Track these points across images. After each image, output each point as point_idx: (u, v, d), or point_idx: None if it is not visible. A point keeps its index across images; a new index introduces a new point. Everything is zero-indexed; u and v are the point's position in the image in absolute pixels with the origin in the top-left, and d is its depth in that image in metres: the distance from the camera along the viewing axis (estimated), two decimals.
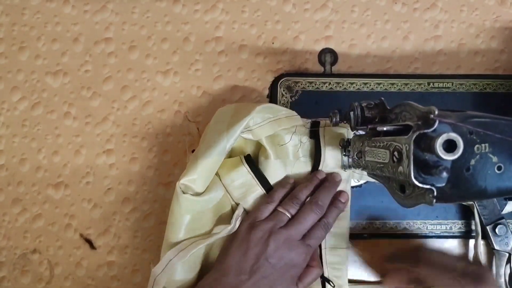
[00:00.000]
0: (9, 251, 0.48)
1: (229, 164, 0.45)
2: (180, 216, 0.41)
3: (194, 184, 0.41)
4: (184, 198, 0.41)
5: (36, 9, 0.50)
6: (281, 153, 0.45)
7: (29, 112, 0.49)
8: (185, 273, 0.41)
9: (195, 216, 0.42)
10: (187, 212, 0.41)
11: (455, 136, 0.26)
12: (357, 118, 0.36)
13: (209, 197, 0.42)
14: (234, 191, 0.44)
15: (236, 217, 0.43)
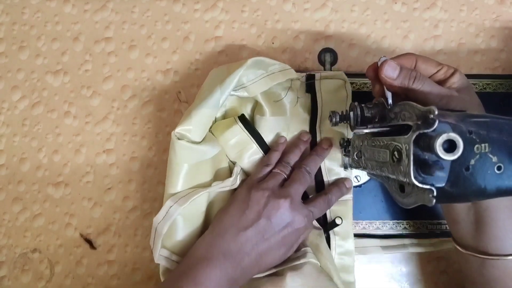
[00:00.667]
0: (9, 250, 0.48)
1: (223, 124, 0.45)
2: (177, 165, 0.41)
3: (189, 133, 0.41)
4: (179, 144, 0.41)
5: (36, 8, 0.50)
6: (278, 110, 0.45)
7: (30, 111, 0.49)
8: (187, 232, 0.42)
9: (192, 167, 0.42)
10: (184, 160, 0.41)
11: (455, 136, 0.26)
12: (357, 117, 0.36)
13: (206, 148, 0.42)
14: (230, 151, 0.44)
15: (236, 173, 0.43)
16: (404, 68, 0.35)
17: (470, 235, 0.36)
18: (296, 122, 0.46)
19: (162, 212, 0.40)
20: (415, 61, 0.37)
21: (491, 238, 0.35)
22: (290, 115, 0.46)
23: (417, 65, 0.37)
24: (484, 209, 0.35)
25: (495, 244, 0.35)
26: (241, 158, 0.44)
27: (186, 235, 0.42)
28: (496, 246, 0.35)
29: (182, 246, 0.42)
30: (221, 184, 0.42)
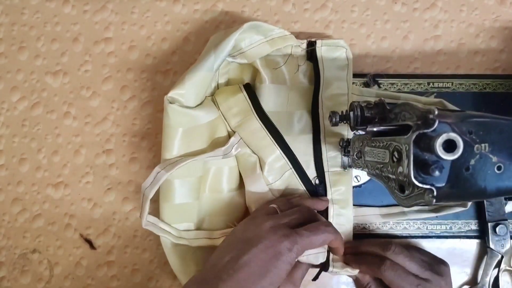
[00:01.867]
0: (8, 250, 0.48)
1: (227, 91, 0.44)
2: (170, 129, 0.41)
3: (182, 98, 0.41)
4: (171, 108, 0.40)
5: (35, 9, 0.50)
6: (277, 77, 0.44)
7: (29, 112, 0.49)
8: (184, 197, 0.42)
9: (186, 132, 0.41)
10: (177, 124, 0.41)
11: (454, 136, 0.26)
12: (357, 118, 0.36)
13: (200, 113, 0.42)
14: (231, 119, 0.44)
15: (232, 144, 0.43)
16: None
17: None
18: (297, 91, 0.45)
19: (150, 178, 0.40)
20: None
21: None
22: (290, 84, 0.45)
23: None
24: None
25: None
26: (241, 127, 0.43)
27: (183, 201, 0.42)
28: None
29: (180, 210, 0.42)
30: (211, 153, 0.42)
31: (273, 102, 0.45)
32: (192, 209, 0.44)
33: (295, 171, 0.44)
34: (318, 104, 0.45)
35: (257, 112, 0.44)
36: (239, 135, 0.44)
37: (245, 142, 0.44)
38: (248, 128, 0.44)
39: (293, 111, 0.46)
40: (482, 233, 0.46)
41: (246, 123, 0.44)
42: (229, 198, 0.46)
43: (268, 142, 0.44)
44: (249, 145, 0.44)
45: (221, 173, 0.45)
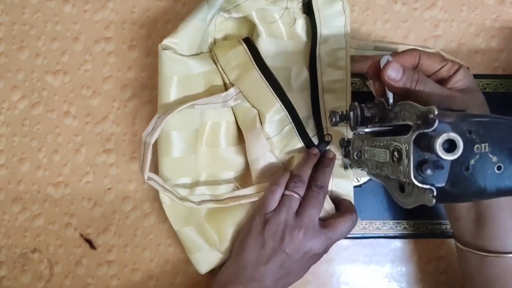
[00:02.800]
0: (9, 250, 0.48)
1: (226, 44, 0.44)
2: (165, 77, 0.42)
3: (176, 46, 0.41)
4: (165, 55, 0.41)
5: (36, 8, 0.50)
6: (274, 32, 0.44)
7: (29, 111, 0.49)
8: (182, 151, 0.43)
9: (181, 80, 0.42)
10: (173, 72, 0.41)
11: (455, 136, 0.26)
12: (357, 117, 0.36)
13: (194, 63, 0.42)
14: (230, 72, 0.44)
15: (231, 94, 0.43)
16: (407, 70, 0.34)
17: (471, 233, 0.37)
18: (294, 46, 0.45)
19: (151, 125, 0.40)
20: (418, 58, 0.36)
21: (491, 237, 0.35)
22: (287, 39, 0.45)
23: (420, 61, 0.36)
24: (485, 208, 0.35)
25: (495, 242, 0.35)
26: (241, 80, 0.43)
27: (182, 155, 0.42)
28: (496, 244, 0.35)
29: (179, 164, 0.43)
30: (210, 98, 0.41)
31: (271, 57, 0.44)
32: (190, 163, 0.44)
33: (294, 126, 0.44)
34: (315, 59, 0.45)
35: (257, 63, 0.43)
36: (238, 88, 0.43)
37: (244, 95, 0.43)
38: (248, 80, 0.43)
39: (290, 67, 0.45)
40: None
41: (246, 75, 0.43)
42: (227, 153, 0.46)
43: (268, 94, 0.43)
44: (248, 98, 0.43)
45: (218, 127, 0.45)
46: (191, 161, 0.44)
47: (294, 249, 0.39)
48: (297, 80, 0.45)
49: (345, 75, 0.45)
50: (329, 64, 0.45)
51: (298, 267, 0.40)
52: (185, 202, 0.42)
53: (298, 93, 0.45)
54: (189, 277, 0.47)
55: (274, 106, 0.43)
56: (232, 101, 0.43)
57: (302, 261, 0.40)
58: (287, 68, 0.45)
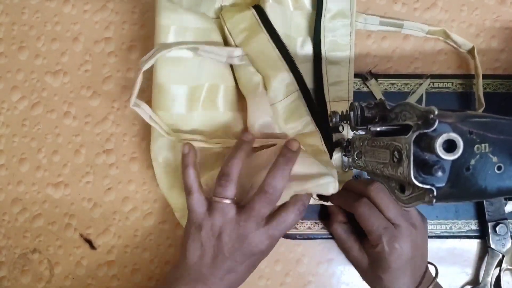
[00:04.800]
0: (9, 250, 0.48)
1: (235, 9, 0.44)
2: (162, 28, 0.42)
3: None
4: (162, 2, 0.41)
5: (35, 8, 0.50)
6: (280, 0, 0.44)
7: (29, 111, 0.49)
8: (179, 106, 0.43)
9: (179, 32, 0.42)
10: (169, 22, 0.41)
11: (455, 136, 0.26)
12: (357, 118, 0.36)
13: (191, 17, 0.42)
14: (237, 35, 0.43)
15: (237, 53, 0.42)
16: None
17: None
18: (299, 16, 0.45)
19: (150, 52, 0.41)
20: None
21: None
22: (293, 8, 0.45)
23: None
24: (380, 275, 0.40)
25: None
26: (248, 43, 0.43)
27: (178, 107, 0.43)
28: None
29: (176, 120, 0.43)
30: (215, 48, 0.41)
31: (276, 25, 0.44)
32: (184, 121, 0.44)
33: (302, 93, 0.43)
34: (320, 30, 0.44)
35: (266, 27, 0.43)
36: (245, 51, 0.43)
37: (250, 59, 0.43)
38: (255, 42, 0.43)
39: (296, 37, 0.45)
40: (482, 233, 0.46)
41: (253, 37, 0.43)
42: (224, 119, 0.45)
43: (275, 58, 0.43)
44: (254, 61, 0.43)
45: (216, 90, 0.45)
46: (186, 120, 0.44)
47: (233, 250, 0.38)
48: (302, 52, 0.45)
49: (349, 48, 0.45)
50: (334, 36, 0.45)
51: (242, 267, 0.39)
52: (171, 135, 0.42)
53: (302, 65, 0.45)
54: None
55: (282, 71, 0.43)
56: (237, 59, 0.42)
57: (245, 261, 0.38)
58: (292, 37, 0.45)
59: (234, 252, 0.38)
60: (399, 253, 0.39)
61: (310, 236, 0.47)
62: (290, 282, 0.47)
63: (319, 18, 0.45)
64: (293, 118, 0.44)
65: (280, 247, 0.47)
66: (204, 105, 0.45)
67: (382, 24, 0.48)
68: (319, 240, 0.47)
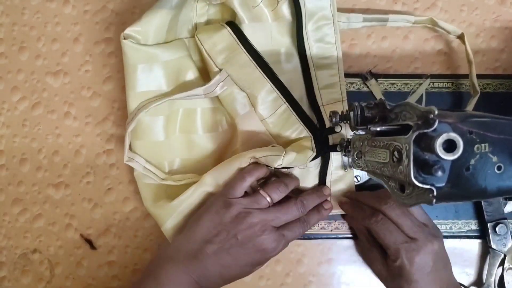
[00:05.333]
0: (9, 251, 0.48)
1: (210, 29, 0.44)
2: (129, 67, 0.42)
3: (138, 34, 0.42)
4: (125, 44, 0.41)
5: (36, 9, 0.50)
6: (257, 16, 0.44)
7: (30, 112, 0.49)
8: (156, 134, 0.44)
9: (146, 69, 0.42)
10: (135, 61, 0.42)
11: (455, 136, 0.26)
12: (357, 118, 0.36)
13: (158, 51, 0.42)
14: (217, 56, 0.43)
15: (217, 82, 0.43)
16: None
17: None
18: (280, 27, 0.45)
19: (130, 116, 0.43)
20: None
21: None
22: (271, 21, 0.44)
23: None
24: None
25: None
26: (229, 63, 0.43)
27: (155, 135, 0.44)
28: None
29: (152, 148, 0.44)
30: (190, 92, 0.42)
31: (256, 42, 0.44)
32: (164, 147, 0.45)
33: (289, 106, 0.44)
34: (303, 36, 0.44)
35: (244, 45, 0.43)
36: (226, 72, 0.43)
37: (233, 79, 0.43)
38: (236, 63, 0.43)
39: (279, 49, 0.45)
40: (482, 233, 0.46)
41: (234, 58, 0.43)
42: (203, 140, 0.46)
43: (258, 75, 0.43)
44: (237, 81, 0.43)
45: (193, 114, 0.45)
46: (164, 146, 0.45)
47: (247, 238, 0.38)
48: (288, 62, 0.45)
49: (335, 50, 0.45)
50: (318, 40, 0.45)
51: (243, 259, 0.39)
52: (167, 181, 0.44)
53: (291, 74, 0.45)
54: None
55: (265, 87, 0.43)
56: (218, 89, 0.43)
57: (249, 253, 0.39)
58: (276, 51, 0.45)
59: (247, 241, 0.38)
60: (420, 266, 0.39)
61: (311, 236, 0.47)
62: (290, 282, 0.47)
63: (300, 25, 0.44)
64: (285, 128, 0.44)
65: None
66: (182, 128, 0.46)
67: (366, 21, 0.47)
68: (320, 240, 0.47)
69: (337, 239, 0.47)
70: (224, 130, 0.47)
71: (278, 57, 0.45)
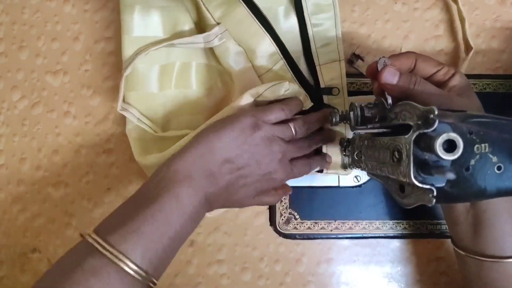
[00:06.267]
0: (9, 249, 0.48)
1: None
2: (126, 8, 0.43)
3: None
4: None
5: (36, 8, 0.50)
6: None
7: (29, 111, 0.49)
8: (149, 84, 0.44)
9: (143, 11, 0.43)
10: (133, 0, 0.42)
11: (455, 136, 0.26)
12: (357, 118, 0.36)
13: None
14: (215, 10, 0.43)
15: (215, 33, 0.42)
16: (404, 73, 0.35)
17: (469, 238, 0.37)
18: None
19: (127, 61, 0.42)
20: (415, 61, 0.37)
21: (489, 241, 0.35)
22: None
23: (416, 64, 0.37)
24: (482, 212, 0.35)
25: (493, 246, 0.35)
26: (226, 17, 0.43)
27: (149, 85, 0.44)
28: (494, 249, 0.35)
29: (146, 100, 0.44)
30: (190, 38, 0.42)
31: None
32: (157, 100, 0.45)
33: (286, 63, 0.44)
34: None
35: (246, 2, 0.43)
36: (224, 26, 0.43)
37: (231, 34, 0.43)
38: (234, 17, 0.43)
39: (276, 7, 0.45)
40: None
41: (232, 12, 0.43)
42: (198, 95, 0.46)
43: (256, 29, 0.43)
44: (235, 36, 0.43)
45: (188, 68, 0.45)
46: (158, 99, 0.45)
47: (266, 165, 0.38)
48: (286, 21, 0.45)
49: (333, 9, 0.45)
50: (316, 2, 0.45)
51: (254, 185, 0.38)
52: (160, 134, 0.44)
53: (287, 33, 0.45)
54: (188, 278, 0.47)
55: (264, 41, 0.43)
56: (216, 40, 0.43)
57: (261, 181, 0.38)
58: (273, 8, 0.45)
59: (265, 168, 0.38)
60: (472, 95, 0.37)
61: (310, 236, 0.47)
62: (289, 282, 0.47)
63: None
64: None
65: (280, 246, 0.47)
66: (177, 83, 0.46)
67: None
68: (319, 240, 0.47)
69: (336, 239, 0.47)
70: (219, 88, 0.47)
71: (276, 15, 0.45)
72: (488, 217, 0.35)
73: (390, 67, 0.34)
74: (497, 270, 0.35)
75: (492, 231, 0.35)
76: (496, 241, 0.35)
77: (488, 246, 0.35)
